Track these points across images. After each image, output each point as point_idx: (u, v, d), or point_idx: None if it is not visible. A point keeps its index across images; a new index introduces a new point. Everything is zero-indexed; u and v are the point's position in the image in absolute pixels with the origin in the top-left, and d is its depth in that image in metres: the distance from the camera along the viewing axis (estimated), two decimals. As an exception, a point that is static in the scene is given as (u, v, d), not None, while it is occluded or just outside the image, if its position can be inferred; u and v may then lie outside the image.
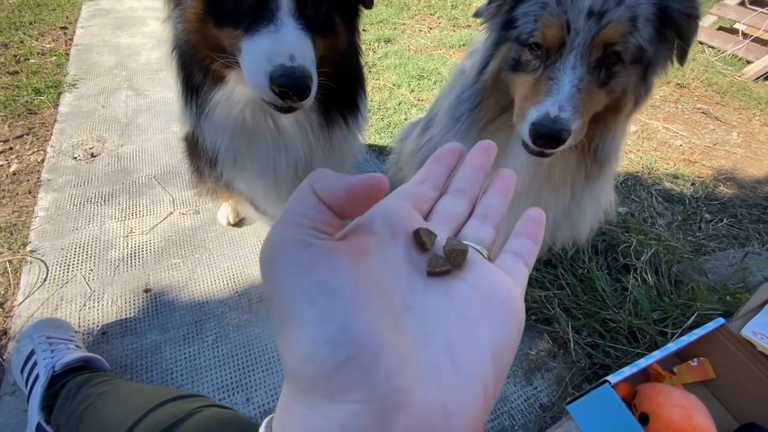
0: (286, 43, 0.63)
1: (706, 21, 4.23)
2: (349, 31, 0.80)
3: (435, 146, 1.02)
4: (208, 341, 1.21)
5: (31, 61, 2.54)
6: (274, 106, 0.71)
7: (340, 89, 0.82)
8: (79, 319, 1.23)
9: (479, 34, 0.90)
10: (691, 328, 1.14)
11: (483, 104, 0.84)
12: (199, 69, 0.76)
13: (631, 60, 0.70)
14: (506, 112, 0.83)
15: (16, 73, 2.40)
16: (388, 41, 3.21)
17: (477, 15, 0.88)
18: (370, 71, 2.77)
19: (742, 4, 4.12)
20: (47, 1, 3.35)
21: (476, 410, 0.22)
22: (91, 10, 3.25)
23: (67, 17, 3.13)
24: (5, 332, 1.21)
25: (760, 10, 3.86)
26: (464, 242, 0.31)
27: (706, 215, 1.87)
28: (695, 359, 0.97)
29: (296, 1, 0.65)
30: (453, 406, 0.22)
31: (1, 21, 2.93)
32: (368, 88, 2.58)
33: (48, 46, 2.74)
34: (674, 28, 0.71)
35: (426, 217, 0.33)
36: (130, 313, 1.26)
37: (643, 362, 0.82)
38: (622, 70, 0.70)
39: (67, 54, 2.64)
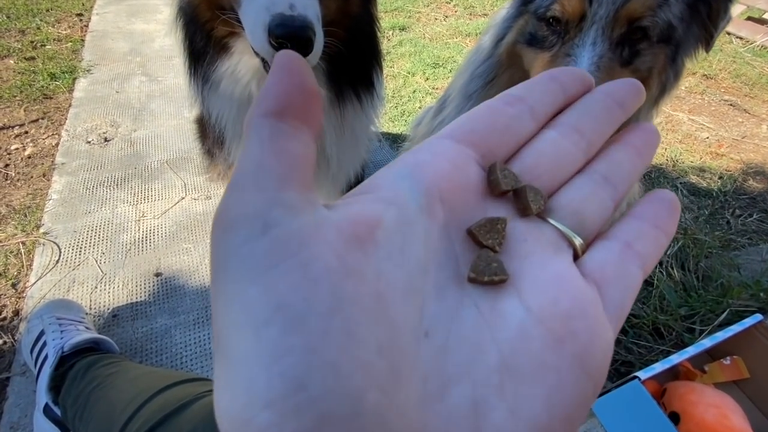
0: (296, 17, 0.59)
1: (734, 11, 4.05)
2: None
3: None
4: (217, 327, 1.19)
5: (47, 47, 2.55)
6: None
7: (352, 60, 0.78)
8: (91, 301, 1.23)
9: (500, 10, 0.85)
10: (721, 325, 1.07)
11: (496, 81, 0.79)
12: (201, 33, 0.73)
13: (659, 38, 0.64)
14: None
15: (33, 58, 2.41)
16: (403, 29, 3.15)
17: None
18: (384, 59, 2.71)
19: (773, -8, 3.94)
20: (64, -12, 3.37)
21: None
22: (106, -3, 3.25)
23: (83, 4, 3.14)
24: (17, 313, 1.21)
25: (794, -2, 3.68)
26: (552, 221, 0.20)
27: (735, 210, 1.79)
28: (728, 357, 0.91)
29: None
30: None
31: (19, 8, 2.95)
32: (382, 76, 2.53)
33: (64, 32, 2.75)
34: (706, 6, 0.65)
35: (506, 161, 0.21)
36: (140, 297, 1.25)
37: (675, 359, 0.77)
38: (648, 48, 0.64)
39: (83, 40, 2.65)
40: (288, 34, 0.56)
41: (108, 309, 1.21)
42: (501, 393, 0.16)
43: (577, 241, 0.20)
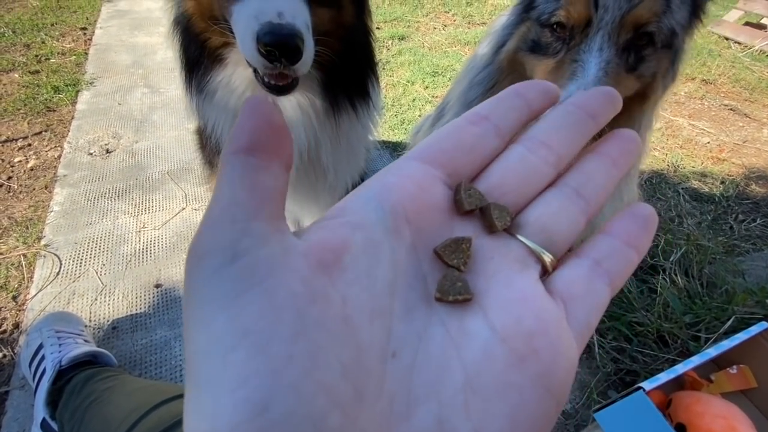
0: (276, 8, 0.59)
1: (732, 16, 4.08)
2: (357, 7, 0.76)
3: None
4: (217, 338, 1.19)
5: (51, 60, 2.59)
6: (266, 85, 0.67)
7: (347, 71, 0.78)
8: (90, 313, 1.22)
9: (499, 18, 0.86)
10: (727, 332, 1.06)
11: (496, 88, 0.79)
12: (196, 44, 0.74)
13: (663, 44, 0.64)
14: None
15: (37, 72, 2.44)
16: (402, 39, 3.17)
17: None
18: (383, 68, 2.73)
19: (771, -3, 3.96)
20: (68, 3, 3.42)
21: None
22: (110, 11, 3.31)
23: (87, 18, 3.19)
24: (17, 325, 1.20)
25: (791, 3, 3.70)
26: (521, 238, 0.20)
27: (738, 215, 1.77)
28: (735, 366, 0.89)
29: None
30: None
31: (24, 23, 3.00)
32: (382, 85, 2.55)
33: (68, 46, 2.79)
34: (700, 11, 0.67)
35: (472, 180, 0.21)
36: (140, 308, 1.25)
37: (680, 368, 0.75)
38: (653, 54, 0.64)
39: (86, 53, 2.68)
40: (276, 42, 0.57)
41: (108, 321, 1.21)
42: (466, 412, 0.16)
43: (547, 258, 0.20)
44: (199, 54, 0.74)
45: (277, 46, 0.57)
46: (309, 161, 0.87)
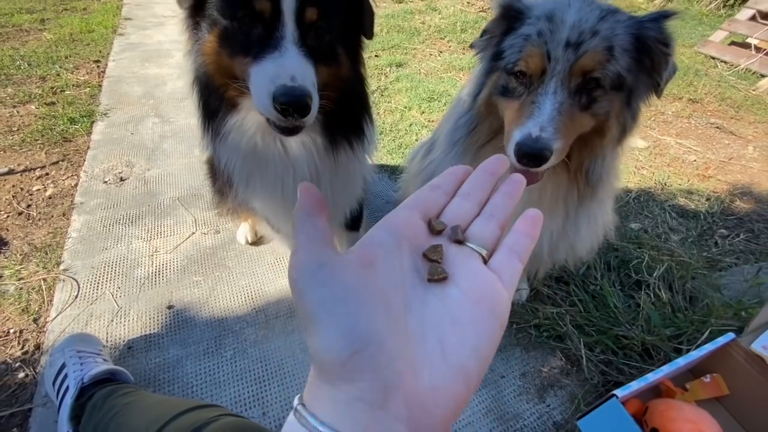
0: (288, 66, 0.70)
1: (717, 36, 4.24)
2: (353, 61, 0.87)
3: (435, 168, 1.08)
4: (226, 356, 1.26)
5: (66, 92, 2.73)
6: (277, 128, 0.77)
7: (344, 115, 0.89)
8: (107, 334, 1.30)
9: (477, 66, 0.96)
10: (705, 344, 1.12)
11: (477, 129, 0.90)
12: (215, 96, 0.84)
13: (611, 86, 0.74)
14: (498, 136, 0.88)
15: (53, 103, 2.58)
16: (400, 65, 3.32)
17: (472, 47, 0.94)
18: (382, 94, 2.87)
19: (753, 19, 4.13)
20: (82, 36, 3.61)
21: (458, 393, 0.28)
22: (122, 44, 3.48)
23: (100, 51, 3.37)
24: (38, 347, 1.28)
25: (772, 24, 3.86)
26: (468, 244, 0.36)
27: (722, 230, 1.85)
28: (708, 375, 0.96)
29: (299, 31, 0.72)
30: (440, 389, 0.28)
31: (40, 56, 3.17)
32: (380, 111, 2.68)
33: (82, 78, 2.94)
34: (650, 57, 0.76)
35: (437, 217, 0.38)
36: (154, 329, 1.32)
37: (651, 377, 0.82)
38: (603, 95, 0.75)
39: (100, 85, 2.83)
40: (290, 102, 0.67)
41: (123, 341, 1.28)
42: (453, 333, 0.30)
43: (484, 252, 0.36)
44: (217, 104, 0.84)
45: (291, 105, 0.68)
46: None
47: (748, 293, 1.33)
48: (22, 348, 1.28)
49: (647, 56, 0.75)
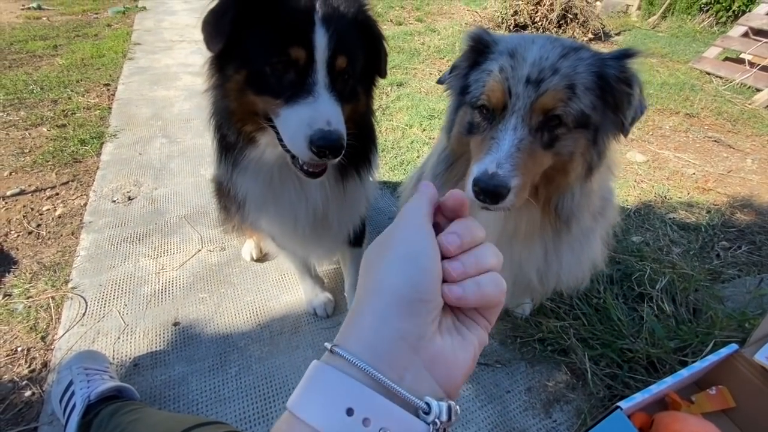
0: (324, 111, 0.74)
1: (711, 53, 4.32)
2: (368, 97, 0.94)
3: None
4: (231, 372, 1.26)
5: (77, 115, 2.81)
6: (303, 171, 0.81)
7: (356, 147, 0.93)
8: (114, 351, 1.31)
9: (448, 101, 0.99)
10: (709, 356, 1.12)
11: (454, 165, 0.91)
12: (233, 131, 0.88)
13: (575, 124, 0.73)
14: None
15: (64, 126, 2.66)
16: (401, 85, 3.41)
17: (440, 82, 0.97)
18: (384, 113, 2.93)
19: (746, 35, 4.22)
20: (93, 61, 3.73)
21: (468, 361, 0.36)
22: (131, 68, 3.60)
23: (110, 75, 3.48)
24: (45, 365, 1.29)
25: (765, 40, 3.94)
26: None
27: (724, 242, 1.85)
28: (714, 387, 0.96)
29: (330, 78, 0.77)
30: (459, 352, 0.35)
31: (52, 80, 3.27)
32: (382, 129, 2.74)
33: (93, 101, 3.03)
34: (612, 95, 0.75)
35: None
36: (159, 346, 1.33)
37: (654, 388, 0.82)
38: (567, 133, 0.74)
39: (110, 108, 2.91)
40: (328, 146, 0.72)
41: (130, 358, 1.29)
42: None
43: None
44: (235, 138, 0.89)
45: (328, 148, 0.72)
46: (320, 218, 1.01)
47: (751, 304, 1.33)
48: (29, 366, 1.29)
49: (611, 94, 0.74)
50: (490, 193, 0.69)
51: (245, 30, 0.78)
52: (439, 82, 0.98)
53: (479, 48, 0.82)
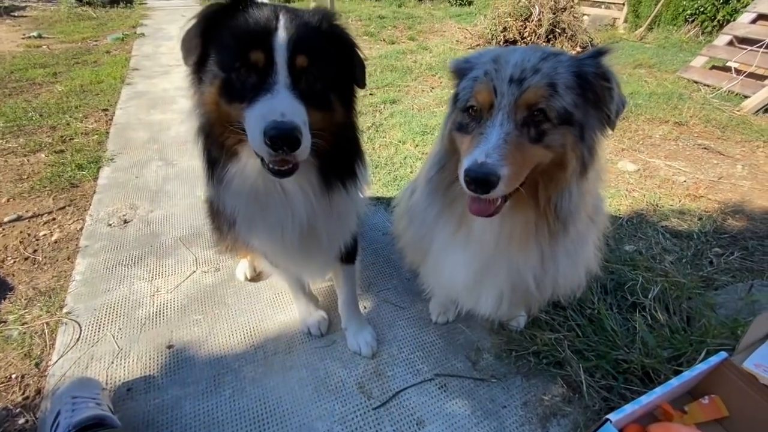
0: (279, 104, 0.76)
1: (698, 62, 4.41)
2: (346, 108, 0.94)
3: (416, 207, 1.13)
4: (225, 395, 1.26)
5: (75, 140, 2.85)
6: (271, 170, 0.81)
7: (338, 159, 0.95)
8: (107, 376, 1.30)
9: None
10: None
11: (446, 166, 0.96)
12: (216, 145, 0.90)
13: (560, 121, 0.78)
14: None
15: (62, 151, 2.69)
16: (394, 102, 3.47)
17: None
18: (377, 130, 2.98)
19: (731, 44, 4.31)
20: (92, 87, 3.81)
21: None
22: (129, 92, 3.67)
23: (108, 100, 3.54)
24: (39, 392, 1.28)
25: (750, 48, 4.03)
26: None
27: (717, 249, 1.86)
28: (706, 397, 0.95)
29: (291, 78, 0.79)
30: None
31: (51, 106, 3.33)
32: (376, 146, 2.78)
33: (91, 126, 3.08)
34: (593, 91, 0.80)
35: None
36: (153, 370, 1.33)
37: (644, 399, 0.82)
38: (552, 128, 0.79)
39: (107, 132, 2.96)
40: (279, 136, 0.72)
41: (123, 383, 1.29)
42: None
43: None
44: (218, 152, 0.91)
45: (281, 138, 0.72)
46: (307, 231, 1.02)
47: (743, 311, 1.33)
48: (23, 393, 1.28)
49: (591, 91, 0.80)
50: (480, 181, 0.72)
51: (215, 44, 0.83)
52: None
53: (460, 71, 0.90)
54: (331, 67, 0.86)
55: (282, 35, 0.78)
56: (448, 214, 1.00)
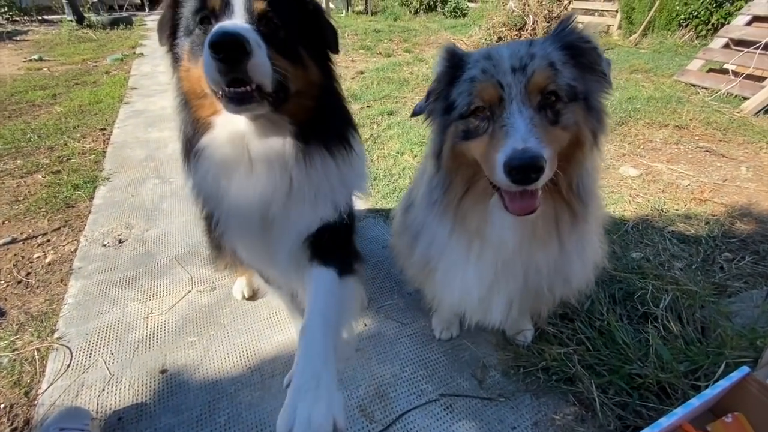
0: (227, 23, 0.73)
1: (695, 65, 4.41)
2: (322, 71, 0.91)
3: (420, 227, 1.09)
4: (220, 422, 1.20)
5: (72, 160, 2.84)
6: (226, 95, 0.75)
7: (322, 125, 0.91)
8: (98, 405, 1.25)
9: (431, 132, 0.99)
10: (720, 379, 1.06)
11: (452, 185, 0.91)
12: (192, 120, 0.88)
13: (569, 98, 0.78)
14: (474, 185, 0.89)
15: (59, 172, 2.68)
16: (391, 114, 3.46)
17: (415, 114, 0.97)
18: (375, 142, 2.96)
19: (726, 46, 4.31)
20: (90, 107, 3.83)
21: None
22: (127, 111, 3.68)
23: (106, 119, 3.55)
24: (28, 422, 1.23)
25: (746, 50, 4.02)
26: None
27: (726, 254, 1.81)
28: (729, 415, 0.89)
29: (249, 17, 0.76)
30: None
31: (49, 128, 3.33)
32: (374, 158, 2.76)
33: (88, 146, 3.07)
34: (584, 56, 0.81)
35: None
36: (145, 396, 1.27)
37: (664, 421, 0.76)
38: (565, 107, 0.78)
39: (104, 151, 2.95)
40: (225, 41, 0.68)
41: (113, 411, 1.23)
42: None
43: None
44: (193, 127, 0.88)
45: (224, 44, 0.68)
46: (278, 207, 0.91)
47: (761, 320, 1.27)
48: (12, 424, 1.23)
49: (583, 57, 0.80)
50: (528, 167, 0.67)
51: (181, 12, 0.84)
52: (415, 113, 0.98)
53: (455, 62, 0.85)
54: (293, 18, 0.84)
55: None
56: (460, 231, 0.95)
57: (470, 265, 0.99)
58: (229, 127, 0.86)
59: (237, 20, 0.76)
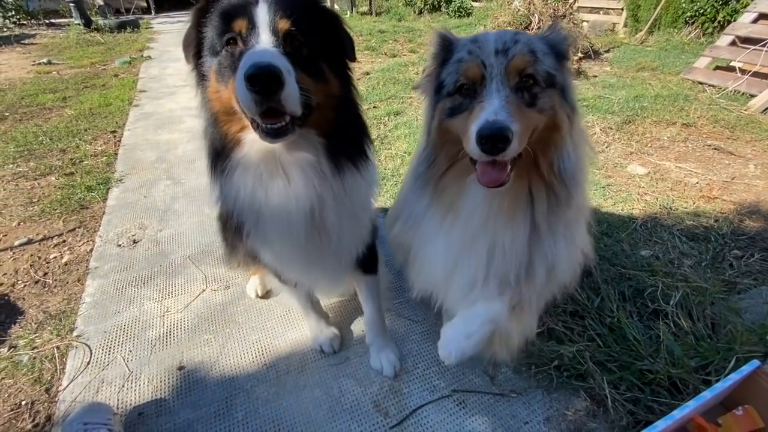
0: (258, 52, 0.76)
1: (702, 63, 4.39)
2: (342, 82, 0.93)
3: (403, 203, 1.13)
4: (238, 417, 1.23)
5: (84, 162, 2.89)
6: (262, 129, 0.80)
7: (344, 136, 0.93)
8: (118, 400, 1.28)
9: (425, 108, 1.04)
10: (731, 373, 1.07)
11: (436, 160, 0.96)
12: (220, 135, 0.90)
13: (546, 83, 0.84)
14: (456, 163, 0.93)
15: (72, 174, 2.72)
16: (398, 114, 3.48)
17: (416, 87, 1.03)
18: (382, 142, 2.98)
19: (733, 44, 4.29)
20: (100, 110, 3.88)
21: None
22: (137, 114, 3.73)
23: (117, 122, 3.60)
24: (49, 418, 1.26)
25: (753, 47, 4.00)
26: None
27: (736, 251, 1.81)
28: (740, 408, 0.90)
29: (275, 39, 0.79)
30: None
31: (60, 130, 3.39)
32: (382, 158, 2.77)
33: (100, 148, 3.12)
34: (563, 55, 0.88)
35: None
36: (164, 392, 1.30)
37: (677, 414, 0.78)
38: (541, 91, 0.84)
39: (116, 153, 3.00)
40: (258, 73, 0.71)
41: (134, 407, 1.26)
42: None
43: None
44: (222, 143, 0.90)
45: (258, 76, 0.70)
46: (319, 224, 0.95)
47: (771, 316, 1.28)
48: (33, 420, 1.26)
49: (561, 54, 0.88)
50: (495, 137, 0.74)
51: (206, 31, 0.86)
52: (416, 87, 1.04)
53: (446, 45, 0.92)
54: (315, 33, 0.86)
55: (263, 6, 0.79)
56: (437, 204, 0.99)
57: (441, 237, 1.03)
58: (260, 143, 0.88)
59: (263, 42, 0.78)
